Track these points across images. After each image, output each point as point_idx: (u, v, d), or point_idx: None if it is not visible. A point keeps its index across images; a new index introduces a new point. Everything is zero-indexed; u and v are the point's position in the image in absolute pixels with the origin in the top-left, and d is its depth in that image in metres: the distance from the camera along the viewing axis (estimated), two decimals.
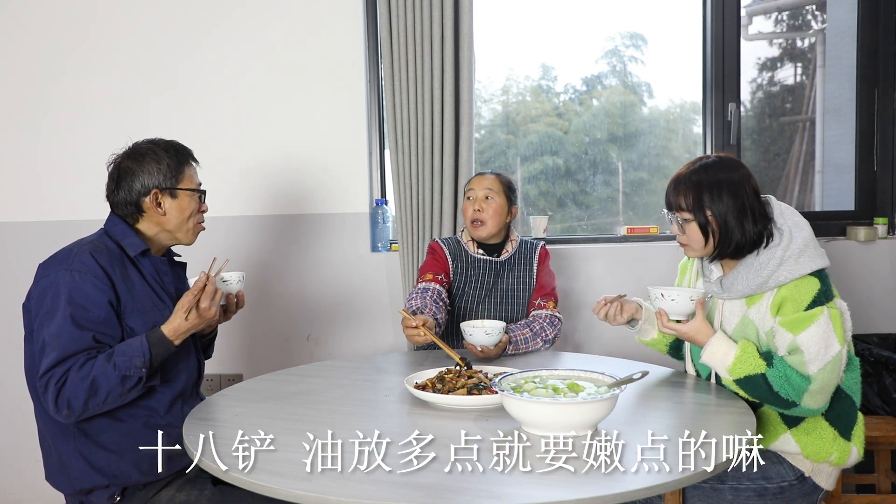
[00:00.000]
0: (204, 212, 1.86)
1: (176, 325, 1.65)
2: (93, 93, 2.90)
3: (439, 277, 2.27)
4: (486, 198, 2.30)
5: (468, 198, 2.33)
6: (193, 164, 1.85)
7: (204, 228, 1.87)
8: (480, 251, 2.35)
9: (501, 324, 2.05)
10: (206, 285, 1.68)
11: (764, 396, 1.62)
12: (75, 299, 1.60)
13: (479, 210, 2.29)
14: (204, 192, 1.85)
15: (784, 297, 1.63)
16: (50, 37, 2.90)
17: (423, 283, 2.24)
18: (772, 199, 1.74)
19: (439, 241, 2.37)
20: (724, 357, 1.64)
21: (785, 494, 1.66)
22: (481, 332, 1.99)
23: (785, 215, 1.71)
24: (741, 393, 1.65)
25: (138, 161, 1.76)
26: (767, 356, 1.63)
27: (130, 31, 2.88)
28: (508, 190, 2.34)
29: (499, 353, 2.09)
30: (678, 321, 1.71)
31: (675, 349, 1.98)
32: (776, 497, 1.65)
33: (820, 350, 1.57)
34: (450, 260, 2.32)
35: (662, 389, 1.78)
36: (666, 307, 1.71)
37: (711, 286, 1.77)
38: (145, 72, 2.88)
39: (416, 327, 1.93)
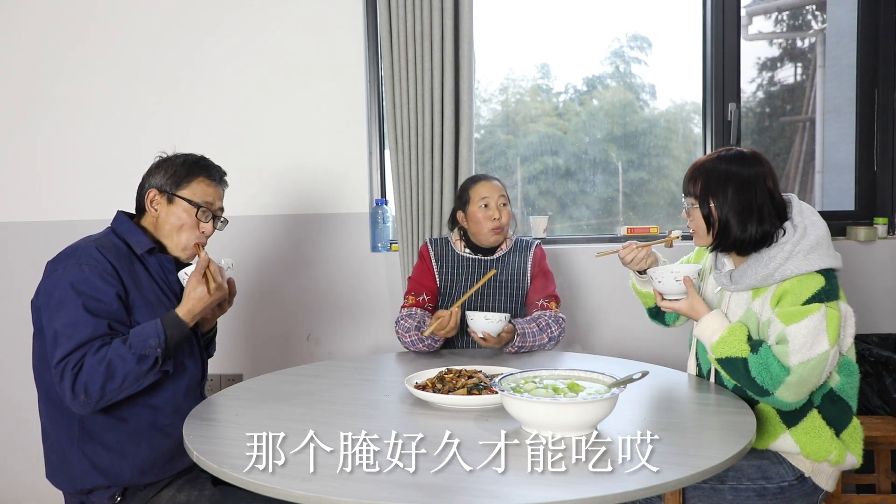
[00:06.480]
0: (204, 233, 1.80)
1: (190, 307, 1.66)
2: (93, 93, 2.90)
3: (420, 298, 2.30)
4: (504, 205, 2.32)
5: (484, 206, 2.30)
6: (209, 181, 1.81)
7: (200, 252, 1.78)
8: (468, 250, 2.37)
9: (504, 314, 2.10)
10: (209, 262, 1.69)
11: (741, 380, 1.64)
12: (86, 291, 1.60)
13: (498, 218, 2.30)
14: (204, 210, 1.79)
15: (785, 290, 1.64)
16: (49, 37, 2.90)
17: (407, 309, 2.28)
18: (794, 197, 1.76)
19: (428, 244, 2.41)
20: (712, 334, 1.69)
21: (785, 494, 1.66)
22: (481, 317, 2.08)
23: (804, 213, 1.72)
24: (722, 372, 1.69)
25: (162, 162, 1.82)
26: (755, 343, 1.64)
27: (131, 32, 2.88)
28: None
29: (501, 343, 2.13)
30: (675, 300, 1.79)
31: (653, 315, 2.13)
32: (776, 497, 1.65)
33: (805, 343, 1.57)
34: (434, 262, 2.36)
35: (662, 389, 1.78)
36: (658, 288, 1.83)
37: (721, 278, 1.79)
38: (145, 72, 2.88)
39: (449, 316, 2.06)
